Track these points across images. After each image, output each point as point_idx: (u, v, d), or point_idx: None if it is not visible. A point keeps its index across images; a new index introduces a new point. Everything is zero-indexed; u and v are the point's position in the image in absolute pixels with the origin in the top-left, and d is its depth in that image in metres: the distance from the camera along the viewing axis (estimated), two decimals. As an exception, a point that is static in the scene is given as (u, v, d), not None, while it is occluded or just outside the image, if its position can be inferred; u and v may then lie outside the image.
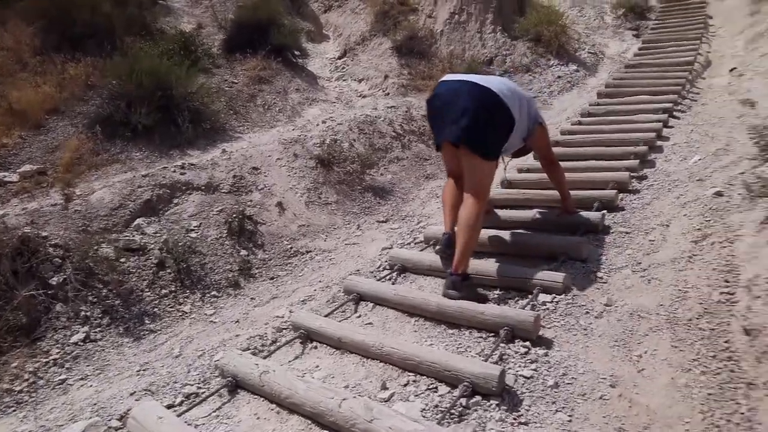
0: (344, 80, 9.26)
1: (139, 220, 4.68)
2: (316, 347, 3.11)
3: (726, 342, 2.60)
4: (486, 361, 2.62)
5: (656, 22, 11.53)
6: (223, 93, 7.20)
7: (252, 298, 4.25)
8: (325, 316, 3.37)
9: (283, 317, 3.53)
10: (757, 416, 2.18)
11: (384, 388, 2.61)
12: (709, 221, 3.73)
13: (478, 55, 9.59)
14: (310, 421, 2.45)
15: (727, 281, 3.02)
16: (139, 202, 4.81)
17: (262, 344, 3.39)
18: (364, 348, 2.87)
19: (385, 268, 4.07)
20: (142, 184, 4.98)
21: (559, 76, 9.34)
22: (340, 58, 9.92)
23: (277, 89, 7.75)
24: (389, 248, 4.46)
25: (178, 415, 2.66)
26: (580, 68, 9.68)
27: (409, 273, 3.86)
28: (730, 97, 6.94)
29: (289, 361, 3.02)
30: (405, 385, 2.61)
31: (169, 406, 2.84)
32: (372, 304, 3.47)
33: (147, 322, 3.97)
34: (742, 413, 2.21)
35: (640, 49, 10.06)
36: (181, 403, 2.90)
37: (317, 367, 2.96)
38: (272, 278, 4.56)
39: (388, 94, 8.64)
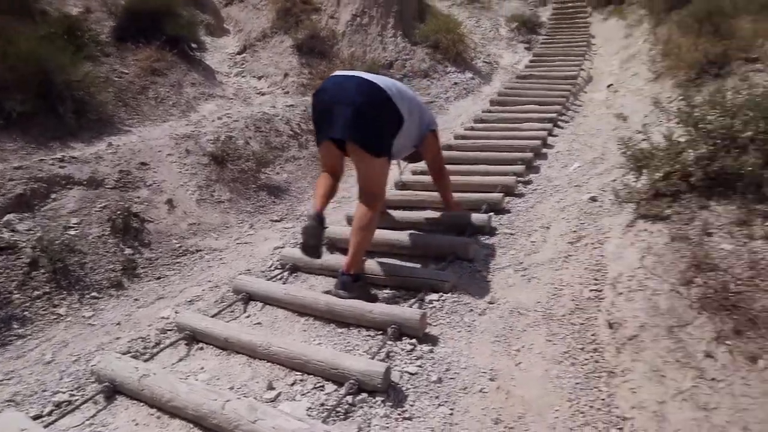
0: (243, 77, 9.04)
1: (9, 216, 4.30)
2: (202, 348, 3.00)
3: (593, 335, 2.81)
4: (373, 358, 2.66)
5: (546, 37, 12.26)
6: (111, 83, 6.77)
7: (136, 299, 4.03)
8: (213, 316, 3.27)
9: (168, 318, 3.38)
10: (615, 401, 2.38)
11: (270, 388, 2.57)
12: (584, 224, 4.01)
13: (379, 58, 9.71)
14: (192, 425, 2.36)
15: (596, 279, 3.26)
16: (10, 196, 4.41)
17: (144, 347, 3.22)
18: (251, 348, 2.81)
19: (276, 268, 4.01)
20: (13, 177, 4.57)
21: (455, 83, 9.66)
22: (239, 53, 9.66)
23: (172, 82, 7.42)
24: (282, 247, 4.40)
25: (46, 426, 2.48)
26: (476, 76, 10.08)
27: (301, 272, 3.84)
28: (607, 111, 7.50)
29: (173, 364, 2.89)
30: (292, 385, 2.59)
31: (36, 417, 2.63)
32: (261, 304, 3.41)
33: (15, 326, 3.65)
34: (603, 399, 2.40)
35: (530, 61, 10.65)
36: (50, 413, 2.69)
37: (202, 368, 2.86)
38: (159, 278, 4.35)
39: (288, 92, 8.55)
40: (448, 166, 5.92)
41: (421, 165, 5.97)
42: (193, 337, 3.03)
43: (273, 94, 8.45)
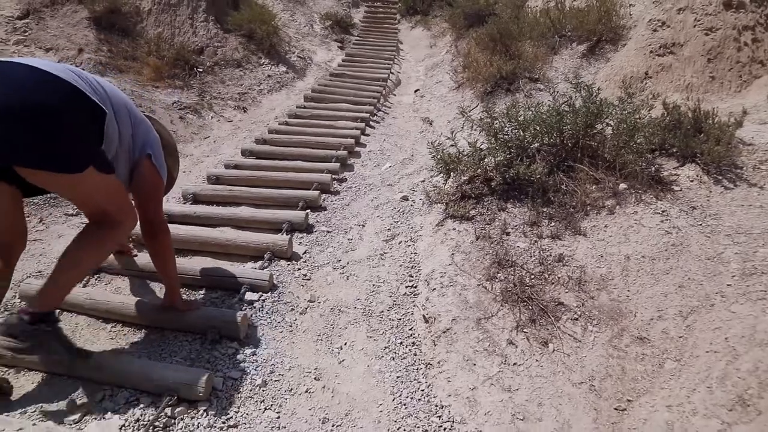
0: (26, 46, 7.83)
1: None
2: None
3: (410, 329, 2.97)
4: (192, 365, 2.49)
5: (358, 38, 12.63)
6: None
7: None
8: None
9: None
10: (434, 391, 2.54)
11: (73, 408, 2.25)
12: (397, 222, 4.22)
13: (189, 42, 9.12)
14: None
15: (411, 276, 3.45)
16: None
17: None
18: (46, 364, 2.44)
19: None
20: None
21: (269, 75, 9.49)
22: (21, 18, 8.35)
23: (-75, 44, 6.17)
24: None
25: None
26: (290, 70, 10.00)
27: (104, 273, 3.44)
28: (414, 114, 7.98)
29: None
30: (100, 401, 2.30)
31: None
32: (58, 311, 2.98)
33: None
34: (423, 390, 2.55)
35: (343, 60, 10.88)
36: None
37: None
38: None
39: (83, 70, 7.63)
40: (262, 162, 5.84)
41: (235, 159, 5.81)
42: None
43: (63, 70, 7.48)
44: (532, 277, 3.07)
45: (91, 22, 8.49)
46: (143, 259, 3.29)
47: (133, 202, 2.54)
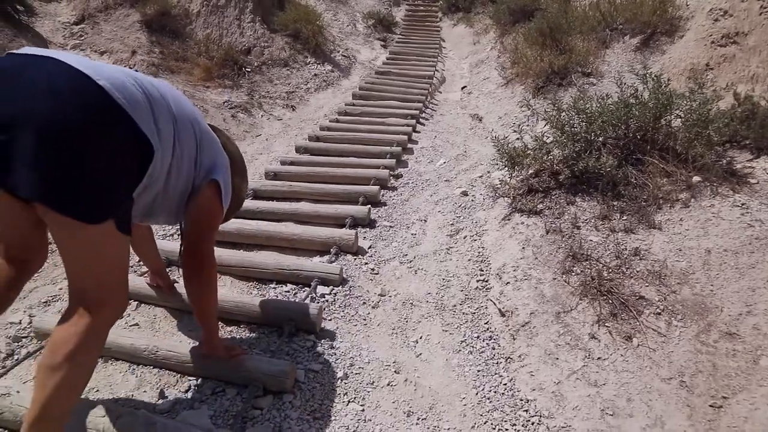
0: (82, 50, 8.08)
1: None
2: (69, 355, 2.60)
3: (486, 323, 2.94)
4: (274, 357, 2.51)
5: (400, 36, 12.63)
6: None
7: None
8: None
9: (20, 324, 2.88)
10: (517, 385, 2.51)
11: (163, 397, 2.30)
12: (460, 217, 4.19)
13: (236, 43, 9.26)
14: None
15: (481, 270, 3.42)
16: None
17: (-8, 361, 2.71)
18: (133, 353, 2.49)
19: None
20: None
21: (315, 74, 9.56)
22: (77, 23, 8.61)
23: (-6, 48, 6.40)
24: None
25: None
26: (335, 69, 10.06)
27: (175, 267, 3.51)
28: (462, 111, 7.93)
29: (34, 378, 2.47)
30: (186, 392, 2.34)
31: None
32: (136, 302, 3.04)
33: None
34: (505, 384, 2.51)
35: (387, 58, 10.89)
36: None
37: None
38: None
39: (137, 71, 7.81)
40: (317, 158, 5.90)
41: (290, 156, 5.87)
42: (58, 343, 2.61)
43: (119, 72, 7.67)
44: (610, 270, 3.00)
45: (143, 25, 8.70)
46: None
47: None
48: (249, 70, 8.74)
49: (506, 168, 4.08)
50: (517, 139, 4.08)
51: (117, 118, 1.59)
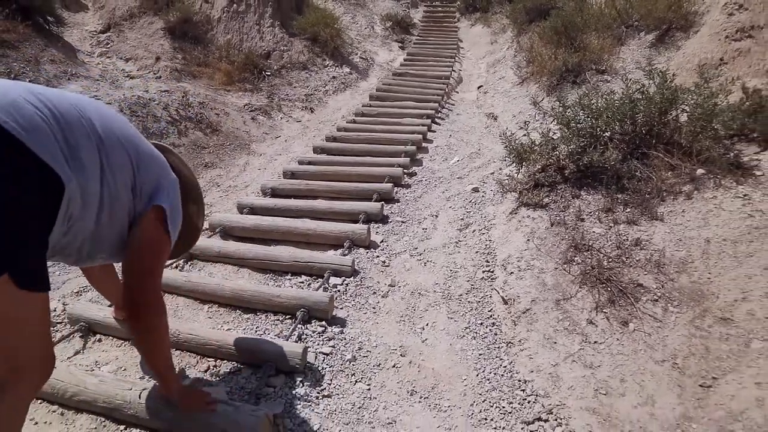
0: (108, 57, 8.40)
1: None
2: (100, 340, 2.80)
3: (489, 311, 3.06)
4: (287, 340, 2.68)
5: (418, 38, 12.77)
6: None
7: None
8: (110, 305, 3.05)
9: (55, 311, 3.10)
10: (516, 367, 2.63)
11: (184, 376, 2.49)
12: (470, 212, 4.31)
13: (256, 47, 9.52)
14: (103, 418, 2.22)
15: (487, 261, 3.54)
16: None
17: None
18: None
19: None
20: None
21: (334, 77, 9.75)
22: (103, 32, 8.96)
23: (27, 57, 6.71)
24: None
25: None
26: (353, 71, 10.24)
27: (197, 260, 3.71)
28: (478, 110, 8.03)
29: (69, 357, 2.67)
30: (205, 371, 2.53)
31: None
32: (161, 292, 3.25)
33: None
34: (505, 366, 2.64)
35: (405, 59, 11.04)
36: None
37: (105, 361, 2.68)
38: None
39: (160, 77, 8.10)
40: (334, 158, 6.07)
41: (308, 156, 6.05)
42: (89, 329, 2.82)
43: (144, 78, 7.95)
44: (610, 260, 3.10)
45: (166, 32, 9.01)
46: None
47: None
48: (269, 73, 8.97)
49: (514, 164, 4.19)
50: (524, 135, 4.19)
51: (5, 146, 1.28)
